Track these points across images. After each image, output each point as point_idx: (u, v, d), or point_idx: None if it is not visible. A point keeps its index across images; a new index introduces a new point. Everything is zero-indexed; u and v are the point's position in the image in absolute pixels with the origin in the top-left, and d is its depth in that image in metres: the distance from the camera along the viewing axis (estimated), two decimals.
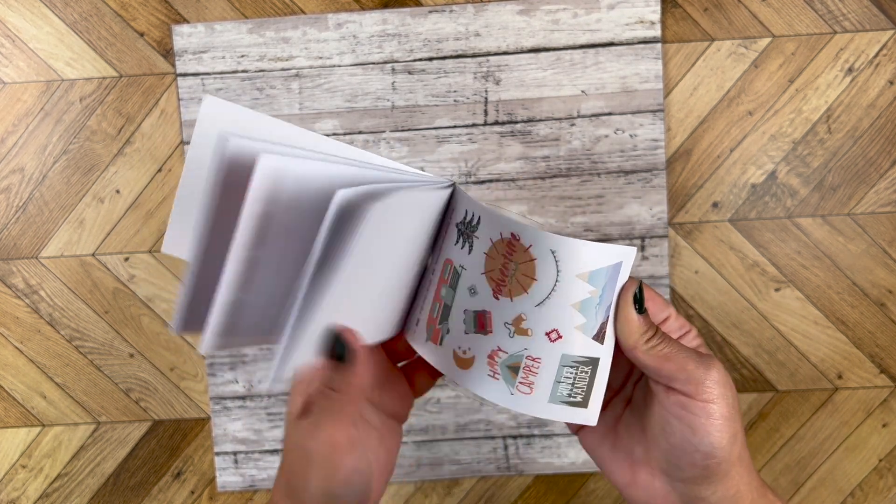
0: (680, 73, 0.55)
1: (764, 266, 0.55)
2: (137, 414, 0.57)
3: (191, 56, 0.54)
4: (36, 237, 0.56)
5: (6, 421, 0.57)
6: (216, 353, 0.55)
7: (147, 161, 0.56)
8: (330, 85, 0.54)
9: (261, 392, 0.55)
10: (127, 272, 0.56)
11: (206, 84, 0.54)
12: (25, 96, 0.56)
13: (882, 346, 0.56)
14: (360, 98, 0.54)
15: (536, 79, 0.54)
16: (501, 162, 0.54)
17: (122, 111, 0.56)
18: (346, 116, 0.54)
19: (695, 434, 0.29)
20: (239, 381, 0.55)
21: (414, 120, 0.54)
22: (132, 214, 0.56)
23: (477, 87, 0.54)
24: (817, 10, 0.55)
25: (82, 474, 0.57)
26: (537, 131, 0.54)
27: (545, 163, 0.54)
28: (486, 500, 0.57)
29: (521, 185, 0.54)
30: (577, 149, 0.54)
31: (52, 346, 0.57)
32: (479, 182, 0.54)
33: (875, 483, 0.56)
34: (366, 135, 0.54)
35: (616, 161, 0.54)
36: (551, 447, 0.54)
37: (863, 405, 0.56)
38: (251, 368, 0.55)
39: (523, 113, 0.54)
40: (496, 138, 0.54)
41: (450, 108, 0.54)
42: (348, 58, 0.54)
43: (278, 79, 0.54)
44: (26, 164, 0.56)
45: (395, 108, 0.54)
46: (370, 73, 0.54)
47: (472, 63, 0.54)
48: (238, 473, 0.56)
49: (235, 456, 0.56)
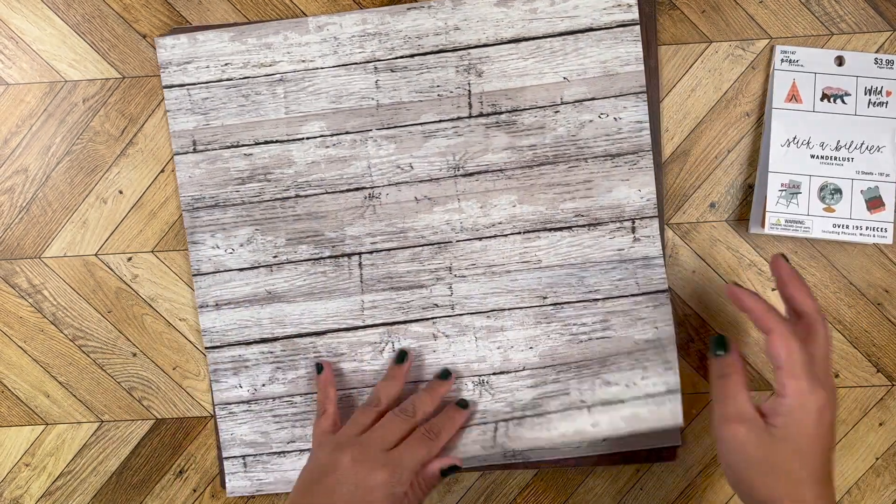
0: (678, 74, 0.56)
1: (761, 266, 0.56)
2: (140, 413, 0.57)
3: (175, 68, 0.54)
4: (39, 237, 0.57)
5: (9, 419, 0.58)
6: (219, 359, 0.55)
7: (150, 162, 0.56)
8: (314, 87, 0.54)
9: (266, 395, 0.55)
10: (130, 272, 0.57)
11: (192, 94, 0.54)
12: (28, 97, 0.56)
13: (879, 346, 0.56)
14: (344, 98, 0.54)
15: (518, 69, 0.54)
16: (489, 153, 0.54)
17: (124, 112, 0.56)
18: (332, 118, 0.54)
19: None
20: (243, 386, 0.55)
21: (399, 117, 0.54)
22: (135, 215, 0.57)
23: (460, 81, 0.54)
24: (814, 12, 0.55)
25: (85, 472, 0.58)
26: (522, 120, 0.54)
27: (532, 151, 0.54)
28: (485, 497, 0.57)
29: (509, 174, 0.54)
30: (563, 135, 0.54)
31: (56, 345, 0.57)
32: (467, 175, 0.54)
33: (872, 481, 0.57)
34: (353, 134, 0.54)
35: (602, 145, 0.54)
36: (542, 423, 0.53)
37: (859, 404, 0.56)
38: (254, 373, 0.55)
39: (507, 103, 0.54)
40: (482, 130, 0.54)
41: (434, 102, 0.54)
42: (331, 59, 0.54)
43: (263, 84, 0.54)
44: (30, 165, 0.56)
45: (380, 107, 0.54)
46: (353, 73, 0.54)
47: (454, 57, 0.54)
48: (247, 477, 0.56)
49: (244, 459, 0.56)
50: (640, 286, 0.54)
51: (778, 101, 0.54)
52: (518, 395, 0.54)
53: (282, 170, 0.55)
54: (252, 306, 0.55)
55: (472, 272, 0.55)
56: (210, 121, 0.54)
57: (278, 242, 0.55)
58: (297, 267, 0.55)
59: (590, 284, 0.54)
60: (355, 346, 0.55)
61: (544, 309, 0.54)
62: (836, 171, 0.53)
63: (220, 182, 0.55)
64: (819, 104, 0.54)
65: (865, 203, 0.53)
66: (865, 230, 0.53)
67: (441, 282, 0.55)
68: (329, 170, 0.55)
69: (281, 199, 0.55)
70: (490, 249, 0.54)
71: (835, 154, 0.53)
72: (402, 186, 0.55)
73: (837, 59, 0.54)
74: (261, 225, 0.55)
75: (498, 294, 0.54)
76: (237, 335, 0.55)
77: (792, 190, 0.53)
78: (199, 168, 0.55)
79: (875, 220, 0.53)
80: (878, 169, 0.53)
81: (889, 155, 0.53)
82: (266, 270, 0.55)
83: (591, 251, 0.54)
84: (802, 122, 0.53)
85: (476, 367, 0.54)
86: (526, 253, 0.54)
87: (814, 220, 0.53)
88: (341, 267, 0.55)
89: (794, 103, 0.54)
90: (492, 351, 0.54)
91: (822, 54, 0.54)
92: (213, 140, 0.55)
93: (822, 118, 0.53)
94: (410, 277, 0.55)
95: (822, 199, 0.53)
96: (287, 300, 0.55)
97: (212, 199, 0.55)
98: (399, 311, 0.55)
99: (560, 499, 0.57)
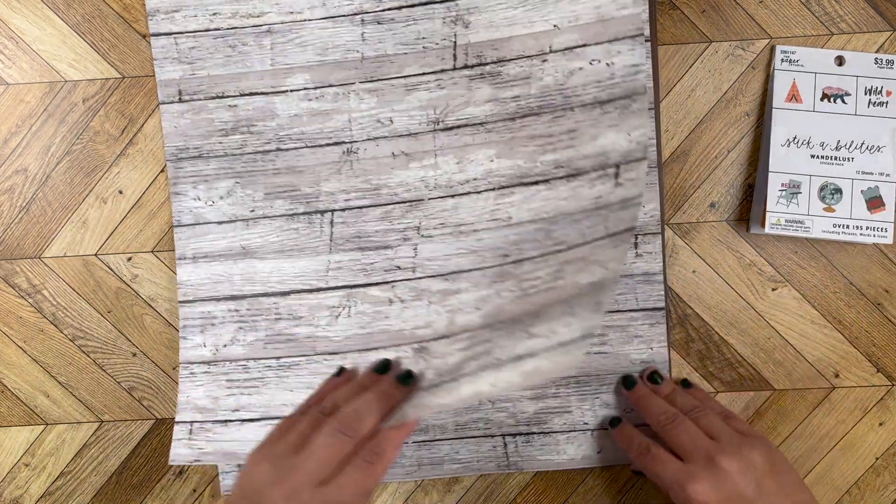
0: (678, 74, 0.56)
1: (761, 266, 0.56)
2: (140, 412, 0.57)
3: (163, 16, 0.54)
4: (39, 237, 0.57)
5: (9, 420, 0.58)
6: (190, 315, 0.54)
7: (150, 162, 0.56)
8: (301, 39, 0.53)
9: (225, 357, 0.54)
10: (130, 272, 0.57)
11: (179, 43, 0.54)
12: (28, 97, 0.56)
13: (879, 346, 0.56)
14: (330, 51, 0.53)
15: (507, 18, 0.52)
16: (470, 106, 0.53)
17: (124, 112, 0.56)
18: (316, 70, 0.53)
19: None
20: (206, 345, 0.54)
21: (383, 70, 0.53)
22: (135, 215, 0.57)
23: (446, 33, 0.53)
24: (814, 12, 0.55)
25: (85, 472, 0.58)
26: (507, 71, 0.52)
27: (515, 103, 0.52)
28: (485, 497, 0.57)
29: (489, 128, 0.53)
30: (550, 85, 0.52)
31: (55, 345, 0.57)
32: (447, 129, 0.53)
33: (872, 481, 0.57)
34: (336, 87, 0.53)
35: (591, 92, 0.52)
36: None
37: (859, 404, 0.56)
38: (219, 331, 0.54)
39: (493, 54, 0.52)
40: (465, 82, 0.53)
41: (419, 55, 0.53)
42: (319, 11, 0.53)
43: (250, 35, 0.54)
44: (29, 165, 0.56)
45: (364, 60, 0.53)
46: (340, 25, 0.53)
47: (441, 8, 0.53)
48: (189, 446, 0.54)
49: (191, 426, 0.54)
50: (608, 229, 0.49)
51: (778, 100, 0.54)
52: (448, 360, 0.50)
53: (265, 122, 0.54)
54: (226, 261, 0.54)
55: (439, 231, 0.53)
56: (196, 70, 0.54)
57: (256, 196, 0.54)
58: (272, 222, 0.54)
59: (556, 237, 0.51)
60: (314, 308, 0.54)
61: (504, 268, 0.52)
62: (837, 170, 0.53)
63: (204, 133, 0.54)
64: (819, 104, 0.54)
65: (866, 203, 0.53)
66: (865, 230, 0.53)
67: (407, 242, 0.53)
68: (310, 123, 0.54)
69: (262, 153, 0.54)
70: (461, 208, 0.53)
71: (835, 154, 0.53)
72: (381, 141, 0.53)
73: (837, 59, 0.54)
74: (241, 178, 0.54)
75: (461, 255, 0.53)
76: (210, 290, 0.54)
77: (792, 190, 0.53)
78: (183, 118, 0.54)
79: (875, 220, 0.53)
80: (878, 169, 0.53)
81: (889, 155, 0.53)
82: (243, 224, 0.54)
83: (565, 203, 0.51)
84: (802, 122, 0.53)
85: (420, 333, 0.53)
86: (497, 210, 0.53)
87: (814, 220, 0.53)
88: (313, 224, 0.54)
89: (795, 103, 0.54)
90: (440, 315, 0.53)
91: (822, 54, 0.54)
92: (198, 90, 0.54)
93: (823, 118, 0.53)
94: (378, 237, 0.54)
95: (823, 199, 0.53)
96: (259, 256, 0.54)
97: (195, 150, 0.54)
98: (362, 272, 0.54)
99: (560, 498, 0.57)
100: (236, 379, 0.54)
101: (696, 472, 0.43)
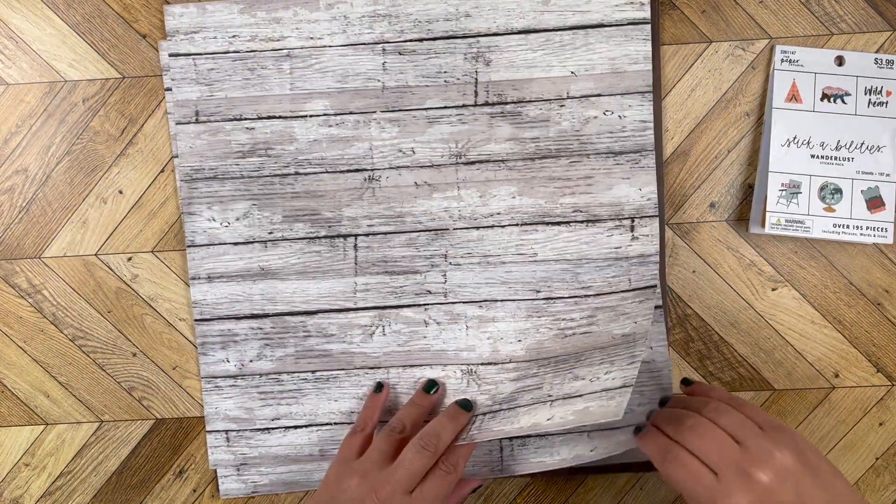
0: (678, 74, 0.56)
1: (761, 266, 0.56)
2: (140, 412, 0.57)
3: (182, 36, 0.54)
4: (39, 237, 0.57)
5: (9, 420, 0.58)
6: (208, 332, 0.55)
7: (150, 162, 0.56)
8: (321, 65, 0.54)
9: (253, 371, 0.55)
10: (130, 272, 0.57)
11: (198, 64, 0.54)
12: (28, 97, 0.56)
13: (879, 346, 0.56)
14: (350, 78, 0.54)
15: (526, 60, 0.54)
16: (491, 143, 0.54)
17: (124, 112, 0.56)
18: (336, 97, 0.54)
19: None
20: (230, 361, 0.55)
21: (404, 101, 0.54)
22: (135, 215, 0.57)
23: (467, 68, 0.54)
24: (814, 12, 0.55)
25: (85, 472, 0.58)
26: (527, 112, 0.54)
27: (534, 144, 0.54)
28: (485, 497, 0.57)
29: (510, 166, 0.54)
30: (567, 130, 0.54)
31: (55, 345, 0.57)
32: (469, 163, 0.54)
33: (872, 481, 0.57)
34: (356, 115, 0.54)
35: (605, 142, 0.54)
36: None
37: (859, 404, 0.56)
38: (242, 348, 0.55)
39: (513, 94, 0.54)
40: (486, 119, 0.54)
41: (440, 88, 0.54)
42: (339, 38, 0.54)
43: (270, 59, 0.54)
44: (29, 165, 0.56)
45: (385, 89, 0.54)
46: (361, 53, 0.54)
47: (463, 44, 0.54)
48: (230, 451, 0.56)
49: (227, 434, 0.56)
50: (631, 283, 0.54)
51: (778, 100, 0.54)
52: (501, 388, 0.53)
53: (283, 146, 0.54)
54: (244, 281, 0.55)
55: (467, 261, 0.54)
56: (214, 92, 0.54)
57: (275, 219, 0.55)
58: (291, 245, 0.55)
59: (583, 281, 0.54)
60: (345, 327, 0.55)
61: (536, 303, 0.54)
62: (837, 170, 0.53)
63: (220, 154, 0.54)
64: (819, 104, 0.54)
65: (865, 203, 0.53)
66: (865, 230, 0.53)
67: (436, 269, 0.55)
68: (330, 149, 0.54)
69: (280, 176, 0.54)
70: (486, 239, 0.54)
71: (835, 154, 0.53)
72: (403, 170, 0.54)
73: (837, 59, 0.54)
74: (258, 200, 0.55)
75: (491, 284, 0.54)
76: (227, 309, 0.55)
77: (792, 190, 0.53)
78: (200, 139, 0.54)
79: (875, 219, 0.53)
80: (878, 169, 0.53)
81: (889, 155, 0.53)
82: (260, 246, 0.55)
83: (587, 248, 0.54)
84: (802, 122, 0.53)
85: (465, 356, 0.54)
86: (522, 245, 0.54)
87: (814, 220, 0.53)
88: (336, 248, 0.55)
89: (795, 103, 0.54)
90: (482, 341, 0.54)
91: (822, 54, 0.54)
92: (215, 112, 0.54)
93: (823, 118, 0.53)
94: (405, 262, 0.55)
95: (823, 199, 0.53)
96: (280, 277, 0.55)
97: (211, 171, 0.55)
98: (392, 295, 0.55)
99: (560, 499, 0.57)
100: (269, 391, 0.55)
101: (730, 489, 0.40)
